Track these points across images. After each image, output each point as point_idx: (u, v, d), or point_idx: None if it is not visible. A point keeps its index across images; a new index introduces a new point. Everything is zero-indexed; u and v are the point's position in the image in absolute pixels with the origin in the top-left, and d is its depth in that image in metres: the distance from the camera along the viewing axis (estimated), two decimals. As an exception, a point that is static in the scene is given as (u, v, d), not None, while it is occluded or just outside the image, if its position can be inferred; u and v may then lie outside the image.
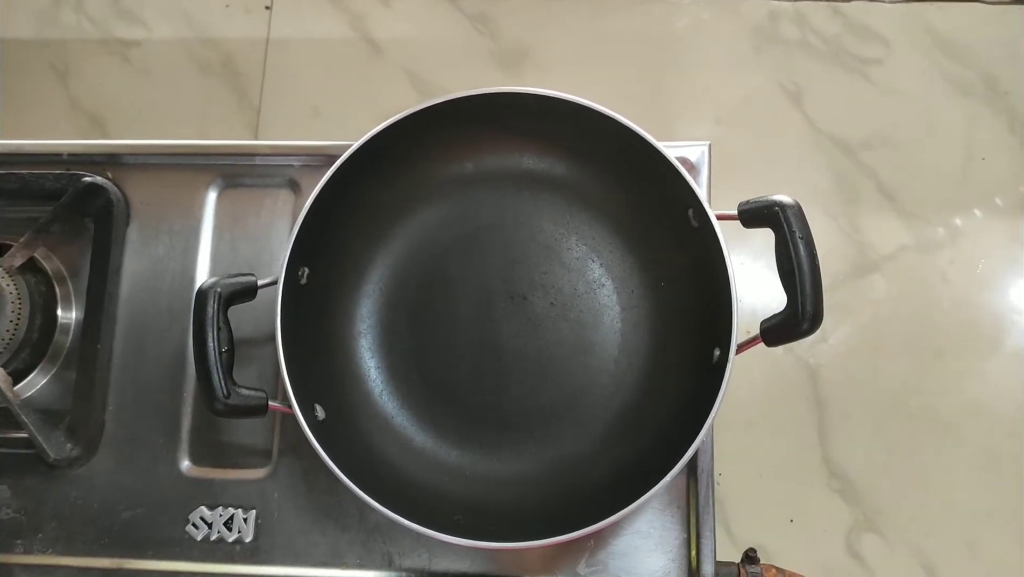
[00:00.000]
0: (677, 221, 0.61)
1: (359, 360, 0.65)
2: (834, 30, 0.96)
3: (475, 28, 0.99)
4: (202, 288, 0.57)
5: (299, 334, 0.59)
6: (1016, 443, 0.84)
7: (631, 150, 0.61)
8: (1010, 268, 0.89)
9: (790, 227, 0.55)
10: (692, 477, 0.67)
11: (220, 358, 0.55)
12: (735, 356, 0.55)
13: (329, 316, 0.65)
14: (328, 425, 0.59)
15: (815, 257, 0.54)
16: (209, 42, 1.00)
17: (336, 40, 0.99)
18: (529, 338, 0.66)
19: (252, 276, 0.59)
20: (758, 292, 0.91)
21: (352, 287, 0.66)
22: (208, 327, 0.55)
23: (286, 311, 0.57)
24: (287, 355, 0.56)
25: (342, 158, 0.61)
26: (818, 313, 0.53)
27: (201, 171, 0.71)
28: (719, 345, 0.57)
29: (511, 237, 0.68)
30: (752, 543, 0.84)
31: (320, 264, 0.62)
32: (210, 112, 0.97)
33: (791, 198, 0.56)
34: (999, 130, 0.92)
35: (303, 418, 0.55)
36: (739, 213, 0.58)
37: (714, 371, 0.56)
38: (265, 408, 0.57)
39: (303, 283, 0.61)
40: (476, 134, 0.67)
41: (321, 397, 0.60)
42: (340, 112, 0.97)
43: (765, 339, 0.56)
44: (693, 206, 0.59)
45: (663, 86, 0.97)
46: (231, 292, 0.57)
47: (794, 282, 0.54)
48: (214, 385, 0.55)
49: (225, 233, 0.70)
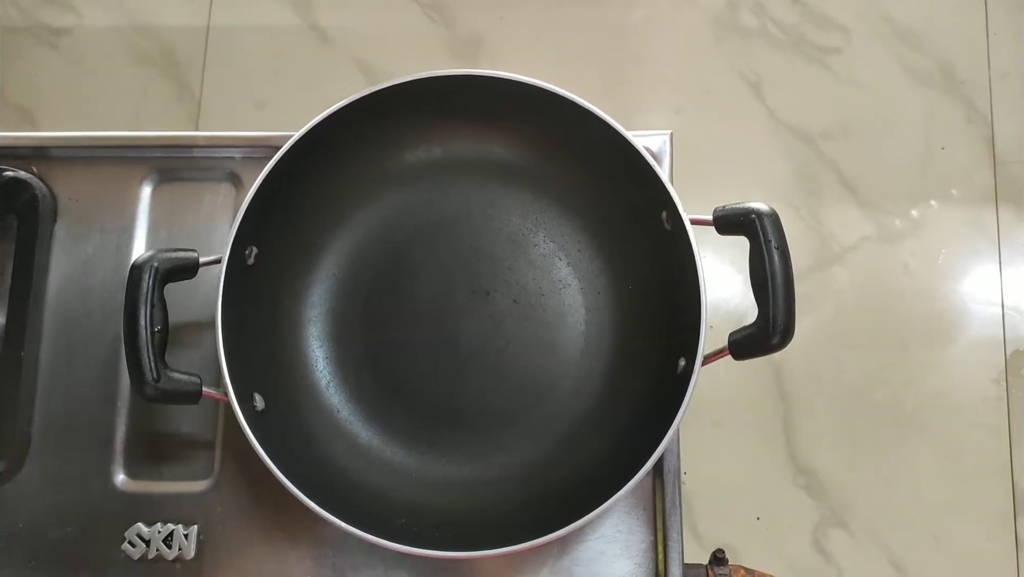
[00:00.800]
0: (650, 222, 0.60)
1: (306, 349, 0.62)
2: (793, 19, 0.95)
3: (428, 16, 0.96)
4: (137, 262, 0.54)
5: (243, 317, 0.57)
6: (980, 434, 0.84)
7: (600, 142, 0.59)
8: (971, 257, 0.89)
9: (766, 236, 0.53)
10: (658, 478, 0.65)
11: (152, 338, 0.53)
12: (701, 368, 0.54)
13: (277, 300, 0.62)
14: (267, 416, 0.56)
15: (790, 269, 0.53)
16: (146, 30, 0.95)
17: (281, 28, 0.95)
18: (489, 336, 0.64)
19: (193, 252, 0.56)
20: (727, 293, 0.90)
21: (304, 271, 0.64)
22: (141, 304, 0.53)
23: (229, 291, 0.55)
24: (226, 339, 0.54)
25: (285, 147, 0.58)
26: (789, 327, 0.52)
27: (135, 164, 0.68)
28: (685, 355, 0.56)
29: (476, 229, 0.66)
30: (719, 542, 0.83)
31: (270, 244, 0.60)
32: (148, 104, 0.92)
33: (768, 206, 0.54)
34: (958, 119, 0.92)
35: (239, 407, 0.53)
36: (714, 219, 0.56)
37: (679, 380, 0.55)
38: (198, 394, 0.54)
39: (250, 263, 0.59)
40: (435, 121, 0.65)
41: (262, 386, 0.57)
42: (286, 103, 0.93)
43: (733, 352, 0.55)
44: (667, 208, 0.58)
45: (622, 76, 0.95)
46: (169, 268, 0.55)
47: (767, 294, 0.53)
48: (143, 367, 0.52)
49: (161, 230, 0.67)
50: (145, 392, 0.53)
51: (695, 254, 0.55)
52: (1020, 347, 0.85)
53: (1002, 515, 0.82)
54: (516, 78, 0.59)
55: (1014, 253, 0.89)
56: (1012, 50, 0.94)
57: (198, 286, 0.58)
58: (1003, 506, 0.82)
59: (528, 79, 0.59)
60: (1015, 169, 0.90)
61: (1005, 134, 0.91)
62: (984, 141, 0.92)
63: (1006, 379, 0.85)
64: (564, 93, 0.59)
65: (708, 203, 0.92)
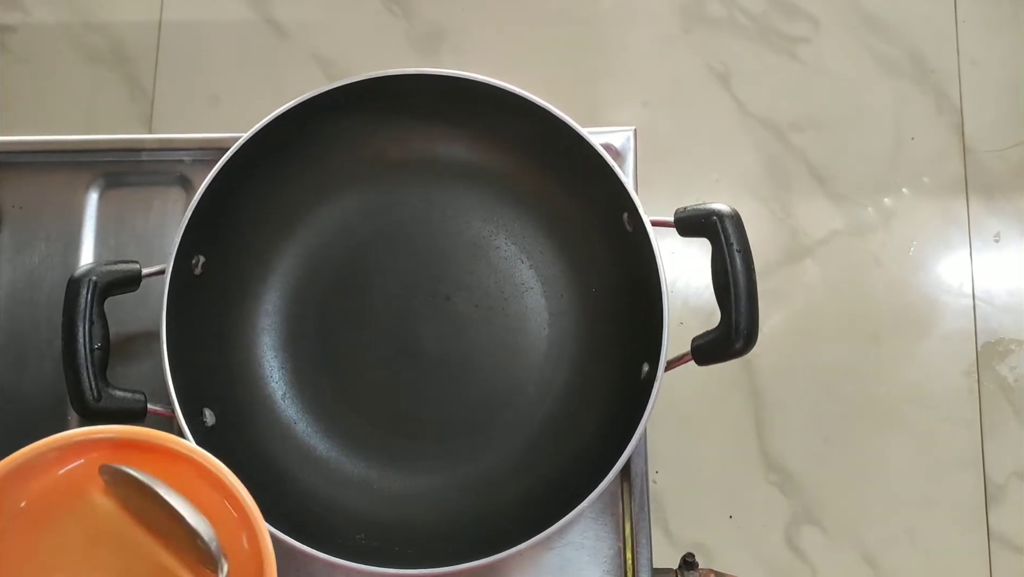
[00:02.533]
0: (611, 224, 0.59)
1: (260, 359, 0.61)
2: (761, 7, 0.94)
3: (388, 9, 0.94)
4: (74, 276, 0.53)
5: (192, 329, 0.55)
6: (952, 427, 0.84)
7: (560, 141, 0.58)
8: (942, 248, 0.88)
9: (727, 239, 0.52)
10: (626, 481, 0.64)
11: (91, 356, 0.51)
12: (664, 373, 0.53)
13: (228, 310, 0.61)
14: (218, 432, 0.55)
15: (752, 272, 0.52)
16: (95, 26, 0.92)
17: (236, 22, 0.92)
18: (451, 342, 0.63)
19: (135, 263, 0.55)
20: (700, 284, 0.89)
21: (257, 278, 0.62)
22: (79, 320, 0.51)
23: (174, 304, 0.54)
24: (173, 353, 0.52)
25: (231, 151, 0.57)
26: (752, 332, 0.51)
27: (81, 169, 0.66)
28: (648, 360, 0.55)
29: (436, 232, 0.64)
30: (691, 542, 0.82)
31: (219, 252, 0.58)
32: (98, 103, 0.89)
33: (730, 207, 0.53)
34: (928, 109, 0.92)
35: (186, 423, 0.52)
36: (675, 221, 0.55)
37: (643, 386, 0.54)
38: (143, 412, 0.53)
39: (198, 273, 0.57)
40: (392, 121, 0.63)
41: (212, 400, 0.56)
42: (242, 100, 0.91)
43: (696, 358, 0.54)
44: (628, 210, 0.57)
45: (589, 68, 0.93)
46: (109, 281, 0.53)
47: (729, 298, 0.52)
48: (83, 386, 0.51)
49: (109, 237, 0.66)
50: (86, 412, 0.51)
51: (657, 257, 0.54)
52: (991, 339, 0.85)
53: (975, 508, 0.82)
54: (472, 77, 0.58)
55: (984, 244, 0.88)
56: (981, 36, 0.93)
57: (147, 294, 0.56)
58: (976, 499, 0.82)
59: (484, 78, 0.57)
60: (985, 158, 0.90)
61: (974, 123, 0.91)
62: (954, 130, 0.91)
63: (977, 371, 0.85)
64: (521, 92, 0.57)
65: (675, 198, 0.90)
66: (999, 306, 0.86)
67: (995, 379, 0.84)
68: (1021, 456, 0.83)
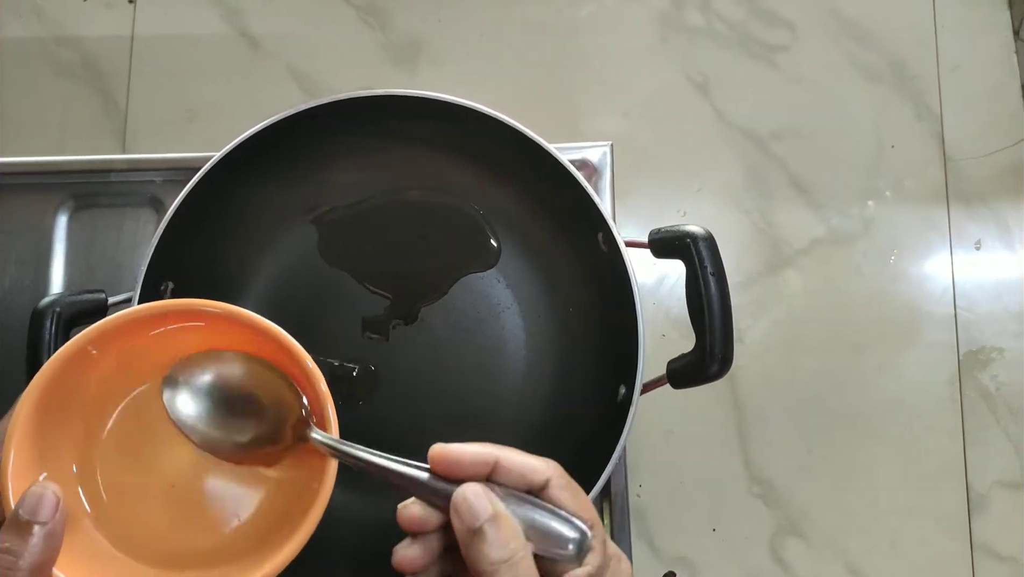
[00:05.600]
0: (586, 243, 0.58)
1: None
2: (740, 16, 0.93)
3: (363, 20, 0.92)
4: (37, 308, 0.51)
5: None
6: (935, 437, 0.83)
7: (533, 161, 0.57)
8: (923, 257, 0.87)
9: (701, 262, 0.52)
10: (607, 500, 0.64)
11: None
12: (640, 396, 0.52)
13: None
14: None
15: (726, 295, 0.51)
16: (66, 40, 0.91)
17: (210, 36, 0.90)
18: (427, 362, 0.62)
19: (101, 293, 0.53)
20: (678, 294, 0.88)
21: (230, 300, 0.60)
22: (43, 353, 0.50)
23: None
24: None
25: (199, 174, 0.56)
26: (727, 356, 0.51)
27: (50, 191, 0.65)
28: (624, 382, 0.54)
29: (410, 252, 0.63)
30: (676, 555, 0.82)
31: (188, 277, 0.57)
32: (70, 120, 0.88)
33: (704, 229, 0.53)
34: (907, 117, 0.91)
35: None
36: (649, 242, 0.55)
37: (619, 408, 0.53)
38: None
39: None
40: (364, 140, 0.62)
41: None
42: (218, 115, 0.89)
43: (671, 381, 0.53)
44: (602, 230, 0.56)
45: (567, 78, 0.92)
46: (74, 312, 0.52)
47: (703, 322, 0.51)
48: None
49: (80, 260, 0.64)
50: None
51: (631, 278, 0.53)
52: (972, 348, 0.84)
53: (958, 517, 0.82)
54: (441, 98, 0.57)
55: (966, 252, 0.88)
56: (960, 42, 0.93)
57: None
58: (959, 508, 0.82)
59: (453, 98, 0.56)
60: (965, 165, 0.89)
61: (955, 130, 0.90)
62: (934, 138, 0.90)
63: (959, 380, 0.84)
64: (492, 113, 0.57)
65: (657, 209, 0.90)
66: (980, 314, 0.85)
67: (977, 388, 0.83)
68: (1003, 465, 0.82)
